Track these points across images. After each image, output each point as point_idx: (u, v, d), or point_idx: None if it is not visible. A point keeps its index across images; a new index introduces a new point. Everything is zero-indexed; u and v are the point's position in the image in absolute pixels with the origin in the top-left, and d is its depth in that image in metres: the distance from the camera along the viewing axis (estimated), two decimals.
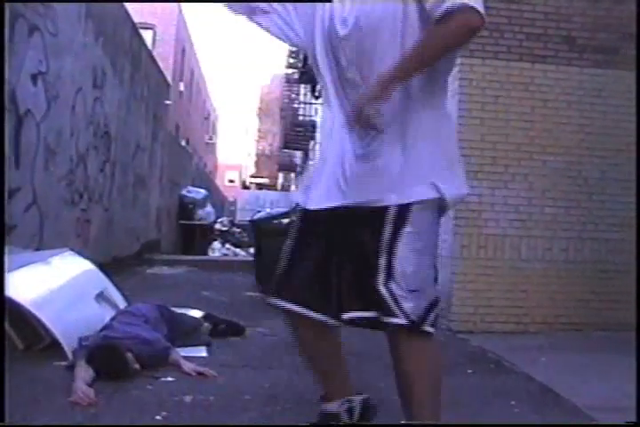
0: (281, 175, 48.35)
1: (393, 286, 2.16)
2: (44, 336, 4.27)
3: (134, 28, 11.26)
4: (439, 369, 2.36)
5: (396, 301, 2.16)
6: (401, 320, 2.18)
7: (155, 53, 15.37)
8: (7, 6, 5.45)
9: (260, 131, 48.06)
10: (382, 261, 2.17)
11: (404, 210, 2.18)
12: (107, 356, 3.72)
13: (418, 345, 2.28)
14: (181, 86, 26.55)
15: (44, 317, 4.12)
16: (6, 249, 4.67)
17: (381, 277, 2.17)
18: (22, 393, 3.36)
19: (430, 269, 2.26)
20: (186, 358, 4.16)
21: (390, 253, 2.16)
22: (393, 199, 2.17)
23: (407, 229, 2.17)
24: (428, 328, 2.27)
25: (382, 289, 2.16)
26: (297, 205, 2.47)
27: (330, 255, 2.34)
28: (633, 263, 6.00)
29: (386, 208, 2.19)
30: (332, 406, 2.62)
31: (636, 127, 6.15)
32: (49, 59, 6.62)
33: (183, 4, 26.04)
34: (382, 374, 4.18)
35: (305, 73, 14.59)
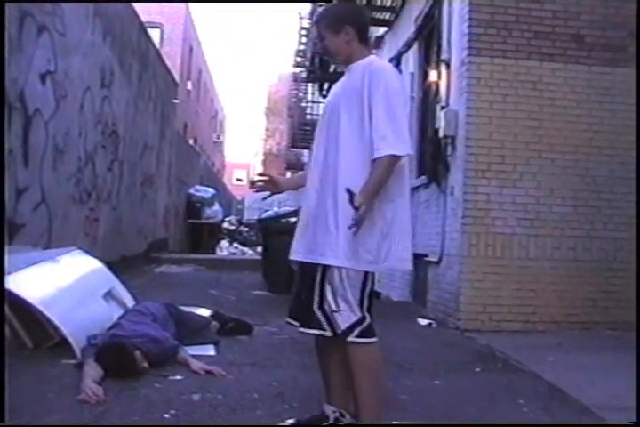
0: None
1: (326, 307, 2.77)
2: (52, 335, 4.28)
3: (142, 28, 11.28)
4: (373, 371, 2.83)
5: (327, 318, 2.77)
6: (327, 333, 2.79)
7: (162, 52, 15.39)
8: (15, 6, 5.48)
9: (267, 130, 48.04)
10: (317, 293, 2.81)
11: (326, 267, 2.80)
12: (115, 354, 3.73)
13: (350, 351, 2.79)
14: (189, 85, 26.54)
15: (53, 315, 4.14)
16: (12, 248, 4.70)
17: (316, 303, 2.81)
18: (31, 391, 3.38)
19: (353, 297, 2.77)
20: (194, 356, 4.17)
21: (322, 288, 2.80)
22: (319, 260, 2.81)
23: (327, 276, 2.79)
24: (355, 339, 2.76)
25: (317, 311, 2.80)
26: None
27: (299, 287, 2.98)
28: None
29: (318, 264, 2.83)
30: (327, 408, 2.98)
31: (635, 126, 6.13)
32: (57, 58, 6.64)
33: (190, 3, 26.03)
34: (390, 373, 4.18)
35: (312, 72, 14.57)
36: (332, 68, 14.17)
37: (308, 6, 16.00)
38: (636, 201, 5.88)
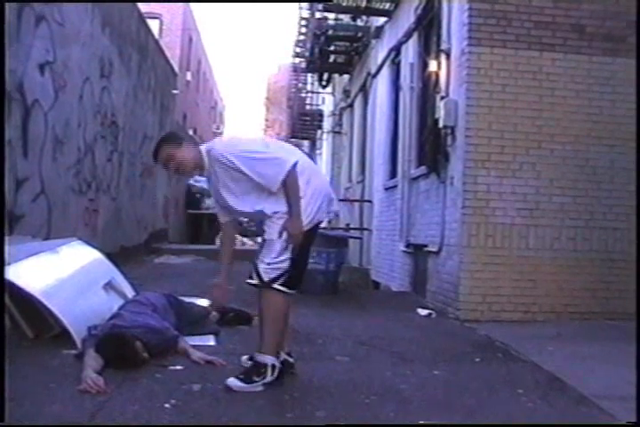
0: None
1: (257, 262, 3.55)
2: (53, 325, 4.30)
3: (141, 18, 11.24)
4: (280, 315, 3.57)
5: (257, 271, 3.54)
6: (255, 281, 3.55)
7: (161, 43, 15.33)
8: None
9: (267, 120, 47.95)
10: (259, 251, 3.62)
11: None
12: (116, 345, 3.74)
13: (268, 297, 3.54)
14: (188, 76, 26.41)
15: (54, 306, 4.14)
16: (12, 238, 4.69)
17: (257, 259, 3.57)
18: (32, 381, 3.39)
19: (282, 255, 3.51)
20: (194, 346, 4.18)
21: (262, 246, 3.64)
22: None
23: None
24: (279, 287, 3.50)
25: (253, 265, 3.58)
26: None
27: None
28: None
29: None
30: (282, 355, 3.69)
31: (636, 117, 6.12)
32: (56, 48, 6.63)
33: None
34: (390, 364, 4.21)
35: (312, 62, 14.50)
36: (331, 59, 14.11)
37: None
38: (637, 192, 5.87)
